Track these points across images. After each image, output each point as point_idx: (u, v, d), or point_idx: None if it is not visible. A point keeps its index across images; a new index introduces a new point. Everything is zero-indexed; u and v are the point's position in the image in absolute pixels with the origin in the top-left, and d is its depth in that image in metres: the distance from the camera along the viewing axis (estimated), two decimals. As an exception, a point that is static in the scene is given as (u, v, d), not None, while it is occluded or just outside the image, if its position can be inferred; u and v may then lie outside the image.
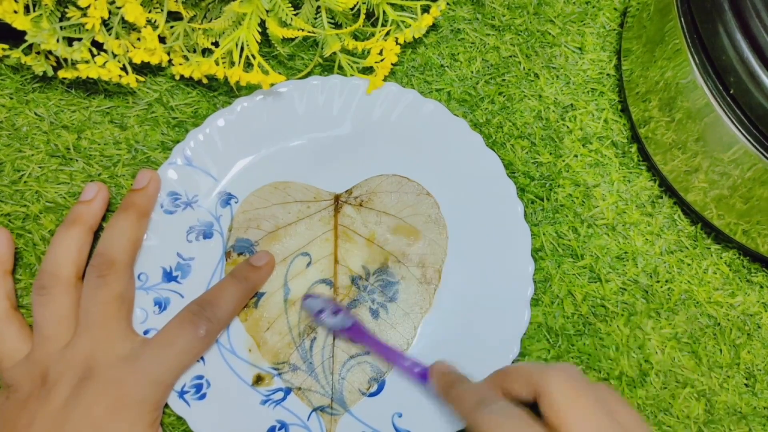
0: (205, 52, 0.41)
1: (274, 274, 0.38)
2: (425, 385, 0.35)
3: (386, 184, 0.39)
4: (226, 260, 0.38)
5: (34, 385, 0.33)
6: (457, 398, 0.31)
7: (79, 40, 0.37)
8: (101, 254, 0.35)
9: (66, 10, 0.37)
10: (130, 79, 0.38)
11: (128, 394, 0.32)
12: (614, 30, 0.44)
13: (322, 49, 0.41)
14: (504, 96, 0.42)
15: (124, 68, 0.38)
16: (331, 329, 0.36)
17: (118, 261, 0.35)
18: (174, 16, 0.39)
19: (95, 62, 0.37)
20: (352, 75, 0.41)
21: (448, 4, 0.44)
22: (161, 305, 0.36)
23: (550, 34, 0.44)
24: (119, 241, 0.35)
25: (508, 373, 0.31)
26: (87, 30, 0.36)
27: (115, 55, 0.38)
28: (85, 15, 0.36)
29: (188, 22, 0.39)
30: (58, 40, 0.36)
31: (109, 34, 0.38)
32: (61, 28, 0.37)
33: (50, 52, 0.39)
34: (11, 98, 0.41)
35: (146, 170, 0.38)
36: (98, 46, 0.38)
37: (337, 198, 0.39)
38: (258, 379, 0.36)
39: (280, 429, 0.35)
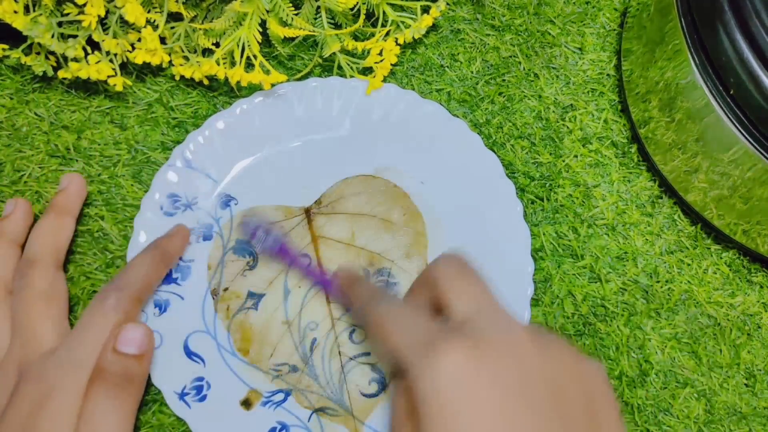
0: (206, 52, 0.41)
1: (273, 276, 0.38)
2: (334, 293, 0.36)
3: (352, 187, 0.39)
4: (213, 297, 0.37)
5: None
6: (354, 297, 0.33)
7: (77, 37, 0.37)
8: (23, 258, 0.35)
9: (64, 7, 0.37)
10: (117, 81, 0.38)
11: (49, 385, 0.31)
12: (614, 30, 0.44)
13: (321, 49, 0.41)
14: (504, 96, 0.42)
15: (122, 66, 0.38)
16: (263, 251, 0.38)
17: (39, 259, 0.34)
18: (174, 17, 0.39)
19: (87, 61, 0.37)
20: (351, 76, 0.41)
21: (447, 4, 0.44)
22: (161, 307, 0.36)
23: (550, 34, 0.44)
24: (39, 240, 0.35)
25: (411, 290, 0.32)
26: (83, 27, 0.36)
27: (108, 54, 0.38)
28: (82, 12, 0.36)
29: (189, 22, 0.39)
30: (53, 36, 0.36)
31: (106, 34, 0.37)
32: (59, 24, 0.37)
33: (50, 52, 0.39)
34: (11, 98, 0.41)
35: (69, 174, 0.38)
36: (97, 46, 0.38)
37: (307, 211, 0.39)
38: (246, 403, 0.36)
39: (280, 430, 0.35)
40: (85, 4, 0.35)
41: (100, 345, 0.32)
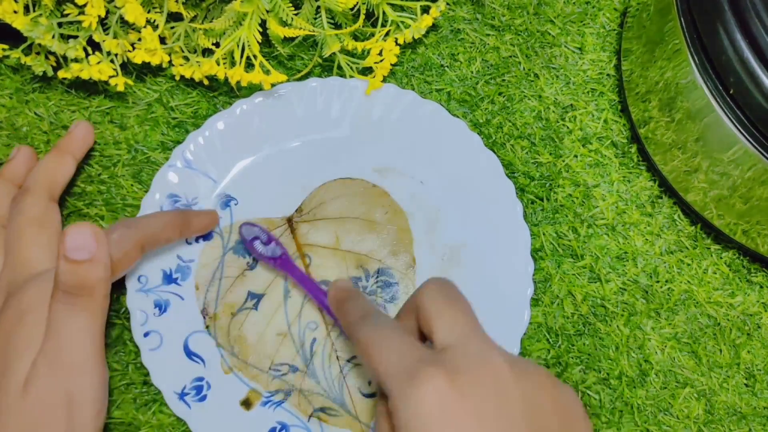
0: (206, 52, 0.41)
1: (273, 276, 0.38)
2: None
3: (331, 191, 0.40)
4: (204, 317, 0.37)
5: None
6: (345, 313, 0.31)
7: (77, 38, 0.37)
8: (21, 187, 0.36)
9: (64, 7, 0.37)
10: (119, 81, 0.38)
11: (30, 297, 0.31)
12: (614, 30, 0.44)
13: (321, 49, 0.41)
14: (504, 96, 0.42)
15: (122, 66, 0.38)
16: (261, 257, 0.37)
17: (32, 189, 0.35)
18: (174, 17, 0.39)
19: (88, 62, 0.37)
20: (351, 76, 0.41)
21: (447, 4, 0.44)
22: (161, 307, 0.36)
23: (550, 34, 0.44)
24: (36, 173, 0.36)
25: (398, 315, 0.31)
26: (84, 28, 0.36)
27: (108, 54, 0.38)
28: (82, 13, 0.36)
29: (189, 22, 0.39)
30: (54, 37, 0.36)
31: (107, 34, 0.37)
32: (59, 25, 0.37)
33: (50, 52, 0.39)
34: (11, 98, 0.41)
35: (78, 120, 0.39)
36: (97, 46, 0.38)
37: (289, 220, 0.39)
38: (246, 403, 0.36)
39: (280, 431, 0.35)
40: (85, 5, 0.35)
41: None
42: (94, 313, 0.30)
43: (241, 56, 0.38)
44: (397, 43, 0.40)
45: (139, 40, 0.38)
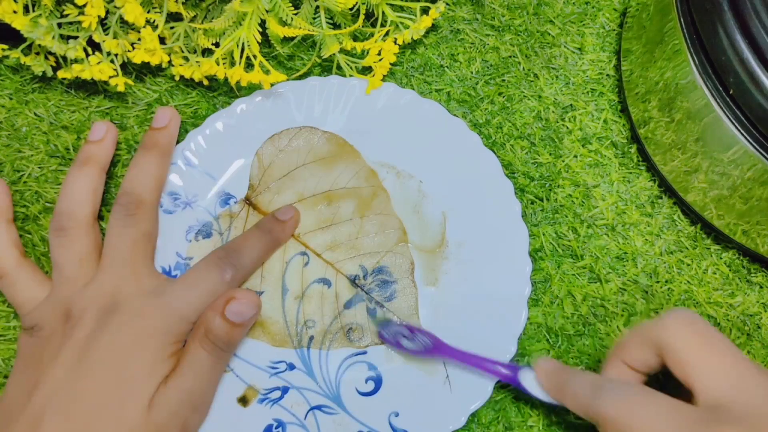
0: (205, 52, 0.41)
1: (271, 273, 0.38)
2: (517, 386, 0.33)
3: (266, 156, 0.39)
4: None
5: (57, 322, 0.33)
6: (572, 396, 0.29)
7: (77, 38, 0.37)
8: (128, 193, 0.35)
9: (64, 8, 0.37)
10: (119, 81, 0.38)
11: (153, 325, 0.32)
12: (614, 30, 0.44)
13: (320, 49, 0.41)
14: (503, 96, 0.42)
15: (122, 67, 0.38)
16: (416, 354, 0.36)
17: (146, 199, 0.35)
18: (174, 17, 0.39)
19: (89, 62, 0.37)
20: (351, 75, 0.41)
21: (447, 4, 0.44)
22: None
23: (549, 34, 0.44)
24: (145, 179, 0.35)
25: (624, 343, 0.29)
26: (84, 28, 0.37)
27: (108, 55, 0.38)
28: (82, 13, 0.36)
29: (188, 22, 0.39)
30: (53, 37, 0.37)
31: (106, 34, 0.38)
32: (59, 25, 0.37)
33: (50, 52, 0.39)
34: (11, 98, 0.41)
35: (166, 108, 0.38)
36: (96, 46, 0.38)
37: (247, 199, 0.39)
38: (243, 400, 0.36)
39: (277, 428, 0.35)
40: (85, 5, 0.35)
41: (203, 308, 0.33)
42: (223, 364, 0.34)
43: (241, 56, 0.38)
44: (396, 44, 0.40)
45: (139, 40, 0.38)
